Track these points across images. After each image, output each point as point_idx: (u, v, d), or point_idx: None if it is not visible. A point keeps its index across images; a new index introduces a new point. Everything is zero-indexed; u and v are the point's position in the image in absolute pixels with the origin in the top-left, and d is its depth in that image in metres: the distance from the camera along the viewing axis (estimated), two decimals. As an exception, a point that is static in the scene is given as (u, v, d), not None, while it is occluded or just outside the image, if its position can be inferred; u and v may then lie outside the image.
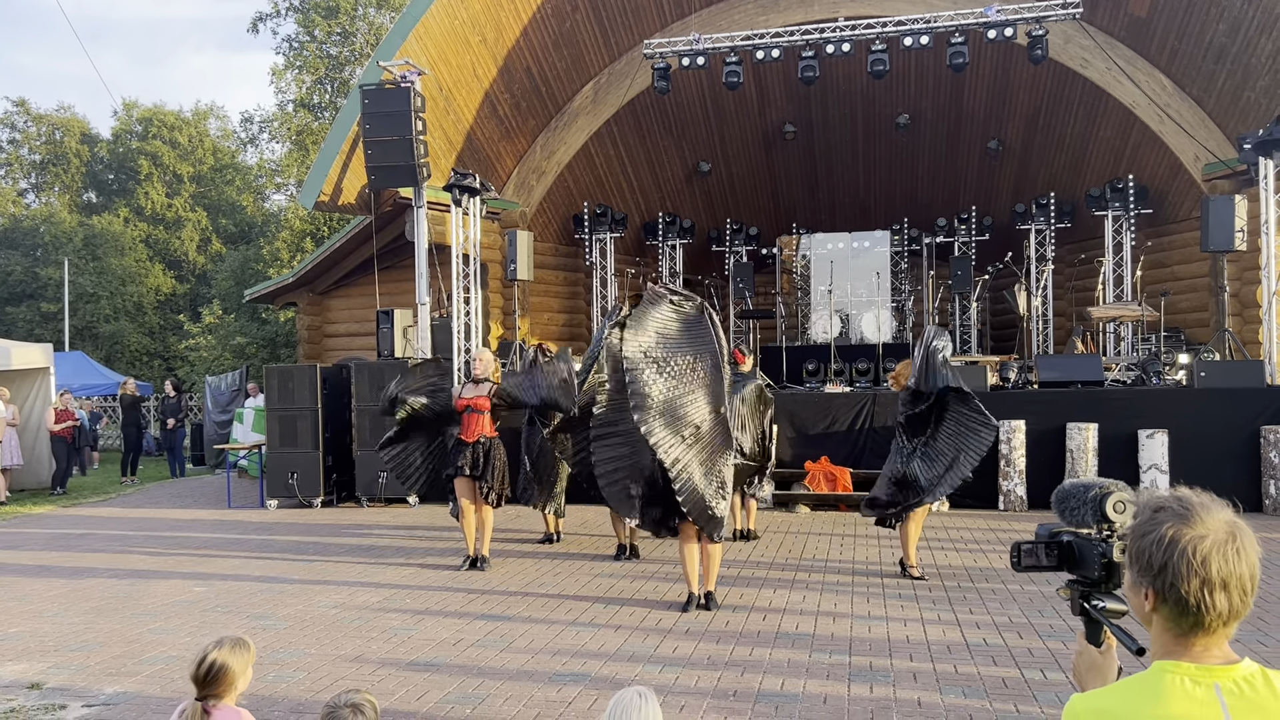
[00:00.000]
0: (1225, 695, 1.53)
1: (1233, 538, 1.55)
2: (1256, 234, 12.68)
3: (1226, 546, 1.54)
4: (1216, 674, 1.55)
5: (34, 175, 40.24)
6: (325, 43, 34.22)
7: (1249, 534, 1.58)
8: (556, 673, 5.57)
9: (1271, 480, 10.80)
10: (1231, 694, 1.53)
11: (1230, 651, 1.58)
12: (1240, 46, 13.98)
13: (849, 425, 12.16)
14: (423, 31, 14.52)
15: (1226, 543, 1.55)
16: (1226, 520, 1.57)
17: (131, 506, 13.71)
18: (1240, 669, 1.56)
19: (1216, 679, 1.54)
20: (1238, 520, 1.59)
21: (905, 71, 16.84)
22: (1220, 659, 1.57)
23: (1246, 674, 1.55)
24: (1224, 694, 1.53)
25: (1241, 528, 1.57)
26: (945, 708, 4.90)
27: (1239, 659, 1.57)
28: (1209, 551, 1.54)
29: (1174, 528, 1.57)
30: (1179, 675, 1.56)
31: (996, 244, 18.66)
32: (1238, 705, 1.52)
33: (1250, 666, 1.56)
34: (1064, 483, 2.13)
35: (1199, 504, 1.59)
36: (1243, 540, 1.56)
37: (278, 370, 13.13)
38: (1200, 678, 1.55)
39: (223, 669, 3.13)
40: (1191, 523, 1.56)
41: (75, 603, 7.61)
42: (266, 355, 26.69)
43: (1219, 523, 1.56)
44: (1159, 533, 1.58)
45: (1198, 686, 1.54)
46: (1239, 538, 1.56)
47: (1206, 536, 1.55)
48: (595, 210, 18.63)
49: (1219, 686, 1.54)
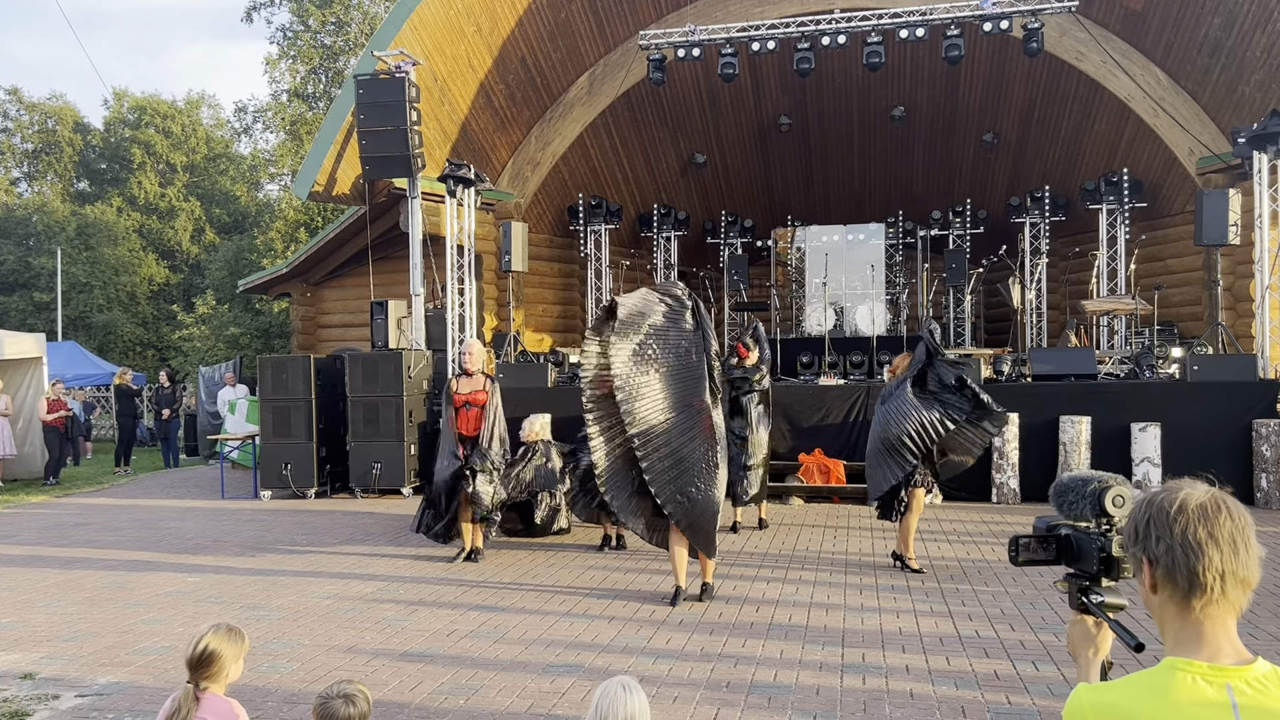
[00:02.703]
0: (1237, 695, 1.48)
1: (1214, 497, 1.55)
2: (1250, 228, 12.71)
3: (1207, 501, 1.54)
4: (1229, 674, 1.50)
5: (26, 164, 40.08)
6: (319, 32, 34.09)
7: (1236, 502, 1.57)
8: (550, 664, 5.57)
9: (1263, 473, 10.84)
10: (1243, 694, 1.48)
11: (1244, 650, 1.53)
12: (1235, 40, 13.99)
13: (843, 417, 12.18)
14: (418, 21, 14.47)
15: (1207, 500, 1.55)
16: (1208, 489, 1.57)
17: (125, 497, 13.69)
18: (1254, 669, 1.51)
19: (1229, 679, 1.49)
20: (1218, 492, 1.58)
21: (901, 64, 16.82)
22: (1234, 658, 1.52)
23: (1260, 674, 1.50)
24: (1235, 694, 1.48)
25: (1225, 496, 1.57)
26: (938, 699, 4.92)
27: (1253, 658, 1.52)
28: (1188, 502, 1.54)
29: (1160, 495, 1.58)
30: (1190, 673, 1.51)
31: (991, 237, 18.68)
32: (1249, 705, 1.47)
33: (1264, 666, 1.52)
34: (1062, 476, 2.12)
35: (1182, 481, 1.60)
36: (1225, 500, 1.55)
37: (271, 361, 13.10)
38: (1213, 677, 1.50)
39: (214, 654, 3.14)
40: (1172, 490, 1.57)
41: (68, 593, 7.60)
42: (260, 346, 26.64)
43: (1201, 489, 1.57)
44: (1141, 506, 1.59)
45: (1209, 685, 1.49)
46: (1220, 498, 1.56)
47: (1190, 497, 1.55)
48: (590, 202, 18.61)
49: (1231, 686, 1.49)
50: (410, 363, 12.85)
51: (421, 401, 13.12)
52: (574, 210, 18.70)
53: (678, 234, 19.78)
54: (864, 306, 17.96)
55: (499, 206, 17.37)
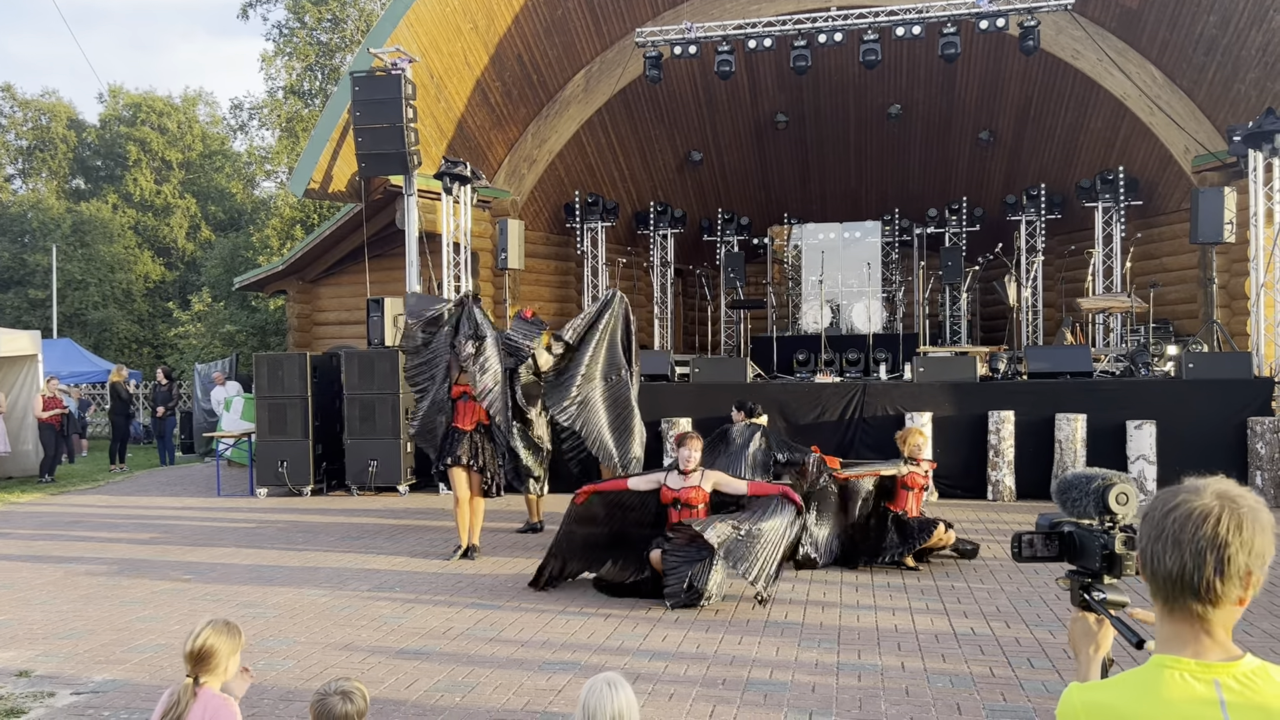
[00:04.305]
0: (1224, 692, 1.49)
1: (1223, 502, 1.51)
2: (1245, 226, 12.72)
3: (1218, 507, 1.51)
4: (1217, 670, 1.51)
5: (20, 161, 39.94)
6: (315, 29, 34.01)
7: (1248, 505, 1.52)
8: (546, 661, 5.58)
9: (1258, 471, 10.86)
10: (1231, 690, 1.49)
11: (1233, 646, 1.54)
12: (1230, 38, 14.00)
13: (839, 415, 12.19)
14: (414, 18, 14.45)
15: (1214, 504, 1.51)
16: (1218, 490, 1.53)
17: (120, 494, 13.67)
18: (1241, 665, 1.51)
19: (1217, 675, 1.50)
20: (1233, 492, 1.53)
21: (897, 62, 16.82)
22: (1221, 655, 1.53)
23: (1248, 670, 1.51)
24: (1223, 690, 1.49)
25: (1233, 498, 1.52)
26: (933, 697, 4.93)
27: (1241, 654, 1.53)
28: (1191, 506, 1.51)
29: (1171, 498, 1.56)
30: (1178, 670, 1.52)
31: (987, 235, 18.69)
32: (1237, 702, 1.48)
33: (1252, 662, 1.52)
34: (1066, 473, 2.12)
35: (1206, 481, 1.55)
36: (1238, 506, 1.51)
37: (267, 358, 13.09)
38: (1200, 674, 1.51)
39: (211, 649, 3.14)
40: (1186, 493, 1.55)
41: (64, 590, 7.60)
42: (256, 343, 26.60)
43: (1212, 492, 1.52)
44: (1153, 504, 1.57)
45: (1197, 682, 1.50)
46: (1233, 502, 1.51)
47: (1197, 502, 1.52)
48: (586, 199, 18.60)
49: (1219, 683, 1.50)
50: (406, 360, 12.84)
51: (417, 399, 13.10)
52: (570, 208, 18.69)
53: (674, 231, 19.77)
54: (860, 304, 17.97)
55: (495, 204, 17.35)
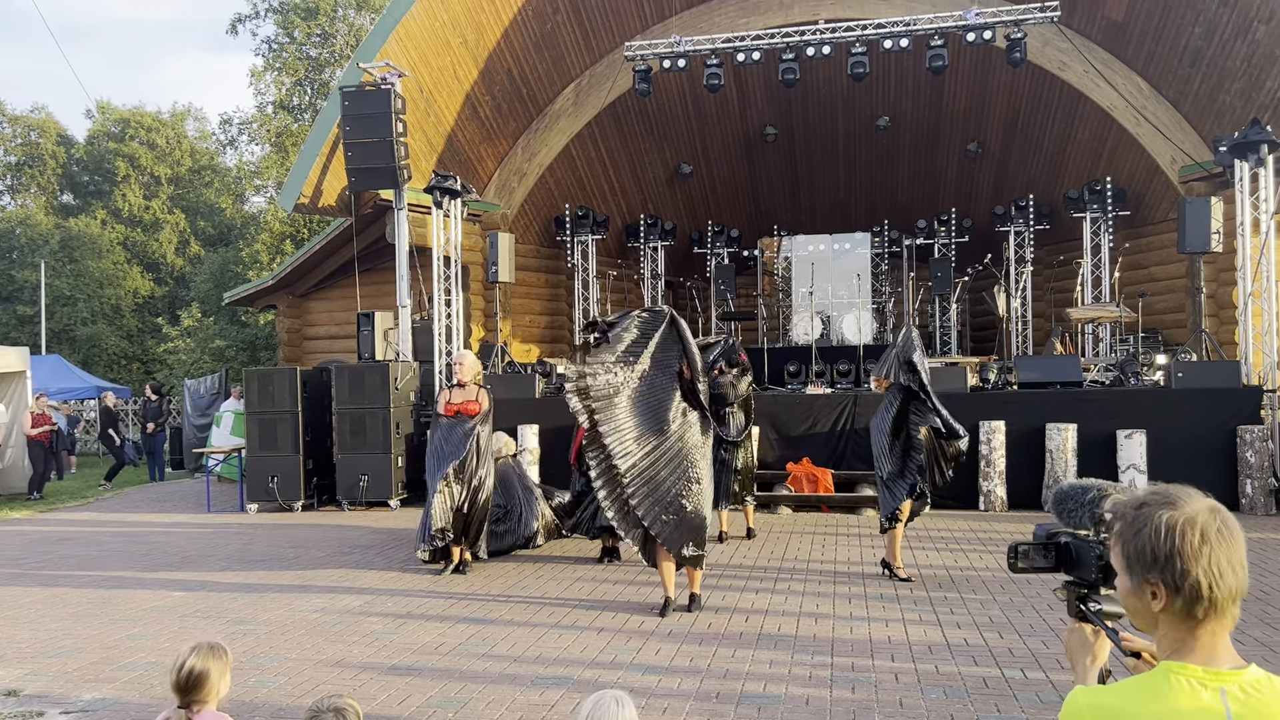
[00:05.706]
0: (1230, 700, 1.52)
1: (1215, 514, 1.59)
2: (1232, 235, 12.80)
3: (1217, 522, 1.58)
4: (1224, 678, 1.55)
5: (9, 177, 39.82)
6: (305, 44, 34.03)
7: (1228, 513, 1.62)
8: (539, 676, 5.56)
9: (1248, 479, 10.90)
10: (1237, 699, 1.53)
11: (1237, 656, 1.58)
12: (1215, 50, 14.12)
13: (830, 426, 12.20)
14: (403, 33, 14.47)
15: (1212, 520, 1.58)
16: (1207, 504, 1.61)
17: (110, 511, 13.59)
18: (1247, 674, 1.56)
19: (1224, 683, 1.54)
20: (1214, 503, 1.63)
21: (885, 74, 16.91)
22: (1228, 662, 1.57)
23: (1253, 679, 1.55)
24: (1229, 699, 1.53)
25: (1219, 508, 1.61)
26: (927, 708, 4.92)
27: (1246, 664, 1.58)
28: (1206, 527, 1.56)
29: (1167, 514, 1.59)
30: (1185, 676, 1.55)
31: (976, 246, 18.77)
32: (1242, 711, 1.52)
33: (1257, 672, 1.57)
34: (1062, 484, 2.13)
35: (1177, 491, 1.62)
36: (1225, 517, 1.60)
37: (257, 373, 13.05)
38: (1207, 681, 1.54)
39: (202, 675, 3.12)
40: (1180, 507, 1.59)
41: (52, 608, 7.54)
42: (246, 358, 26.51)
43: (1202, 505, 1.60)
44: (1154, 524, 1.59)
45: (1204, 689, 1.54)
46: (1221, 514, 1.60)
47: (1197, 517, 1.57)
48: (577, 212, 18.62)
49: (1225, 691, 1.53)
50: (397, 374, 12.82)
51: (408, 413, 13.08)
52: (561, 221, 18.71)
53: (664, 244, 19.81)
54: (850, 315, 18.00)
55: (485, 218, 17.36)
